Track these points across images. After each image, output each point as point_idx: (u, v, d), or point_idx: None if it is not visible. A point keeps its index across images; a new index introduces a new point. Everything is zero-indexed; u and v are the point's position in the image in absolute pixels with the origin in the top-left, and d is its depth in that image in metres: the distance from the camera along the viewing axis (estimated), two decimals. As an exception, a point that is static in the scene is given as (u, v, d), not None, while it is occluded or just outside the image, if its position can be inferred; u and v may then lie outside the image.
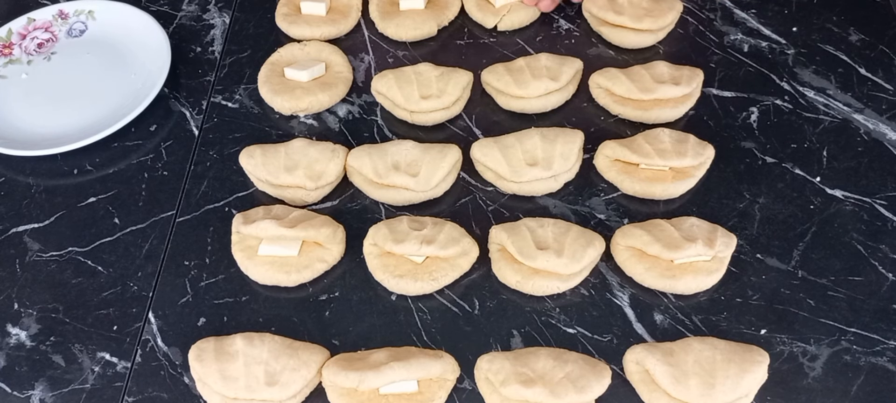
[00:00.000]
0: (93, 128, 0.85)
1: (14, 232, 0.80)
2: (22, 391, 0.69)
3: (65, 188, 0.83)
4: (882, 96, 0.87)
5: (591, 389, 0.64)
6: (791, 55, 0.91)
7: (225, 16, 0.99)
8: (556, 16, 0.96)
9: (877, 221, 0.77)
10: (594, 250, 0.72)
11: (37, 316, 0.73)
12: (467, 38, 0.95)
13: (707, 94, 0.88)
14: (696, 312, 0.72)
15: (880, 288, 0.73)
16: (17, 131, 0.87)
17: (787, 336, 0.70)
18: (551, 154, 0.78)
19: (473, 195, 0.81)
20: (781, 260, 0.75)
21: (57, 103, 0.90)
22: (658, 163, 0.78)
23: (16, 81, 0.93)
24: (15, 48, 0.95)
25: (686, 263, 0.72)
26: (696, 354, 0.66)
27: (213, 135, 0.87)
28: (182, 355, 0.70)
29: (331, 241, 0.75)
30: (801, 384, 0.67)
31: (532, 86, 0.84)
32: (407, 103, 0.84)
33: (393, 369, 0.64)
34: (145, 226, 0.79)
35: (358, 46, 0.95)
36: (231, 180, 0.83)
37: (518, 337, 0.71)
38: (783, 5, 0.97)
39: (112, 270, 0.76)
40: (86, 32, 0.97)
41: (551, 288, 0.72)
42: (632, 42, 0.92)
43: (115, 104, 0.89)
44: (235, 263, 0.75)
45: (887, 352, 0.69)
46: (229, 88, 0.91)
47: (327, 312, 0.73)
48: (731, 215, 0.78)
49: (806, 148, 0.83)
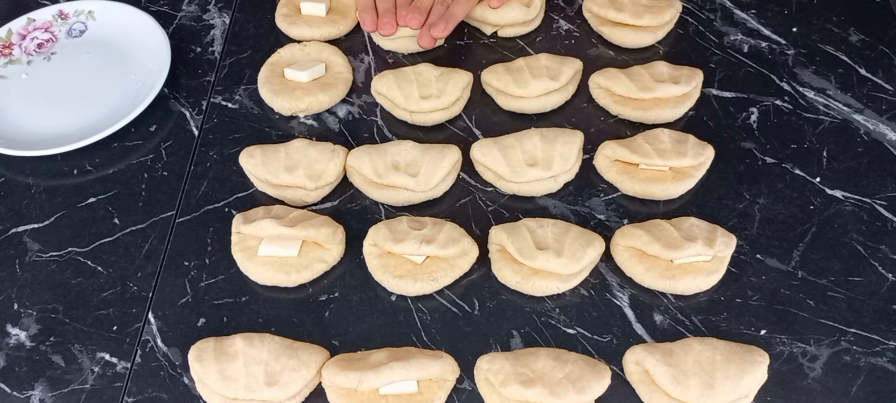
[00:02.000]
0: (93, 129, 0.85)
1: (14, 232, 0.80)
2: (22, 391, 0.69)
3: (65, 188, 0.83)
4: (882, 96, 0.87)
5: (591, 389, 0.64)
6: (791, 55, 0.91)
7: (225, 16, 0.99)
8: (555, 16, 0.96)
9: (877, 222, 0.77)
10: (594, 250, 0.72)
11: (37, 316, 0.73)
12: (467, 38, 0.95)
13: (707, 95, 0.88)
14: (696, 312, 0.72)
15: (880, 289, 0.73)
16: (17, 131, 0.87)
17: (787, 336, 0.70)
18: (551, 154, 0.78)
19: (473, 195, 0.81)
20: (781, 260, 0.75)
21: (57, 103, 0.90)
22: (658, 163, 0.78)
23: (16, 81, 0.93)
24: (15, 48, 0.95)
25: (686, 263, 0.72)
26: (696, 354, 0.66)
27: (213, 136, 0.87)
28: (182, 355, 0.70)
29: (331, 241, 0.75)
30: (801, 384, 0.67)
31: (532, 86, 0.84)
32: (407, 103, 0.84)
33: (393, 369, 0.64)
34: (145, 227, 0.79)
35: (358, 47, 0.95)
36: (231, 180, 0.83)
37: (518, 338, 0.71)
38: (783, 5, 0.97)
39: (112, 270, 0.76)
40: (86, 33, 0.97)
41: (551, 288, 0.72)
42: (632, 41, 0.92)
43: (115, 104, 0.89)
44: (235, 264, 0.75)
45: (887, 353, 0.69)
46: (229, 89, 0.91)
47: (327, 312, 0.73)
48: (731, 215, 0.78)
49: (806, 148, 0.83)
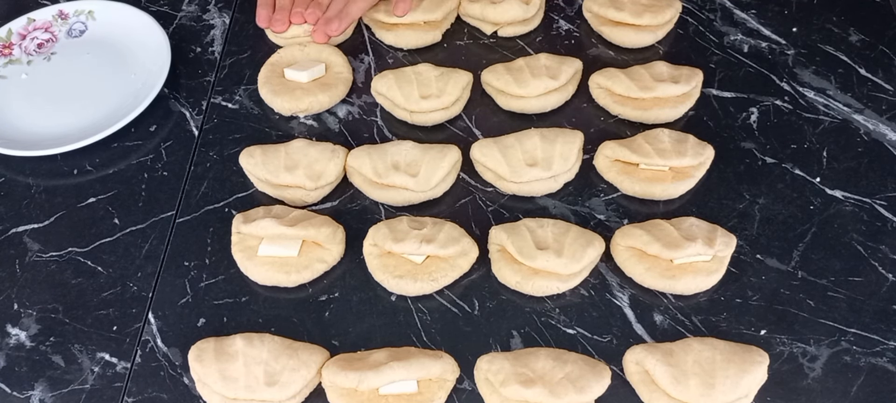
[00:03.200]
0: (93, 128, 0.85)
1: (14, 232, 0.80)
2: (22, 391, 0.69)
3: (65, 188, 0.83)
4: (882, 96, 0.87)
5: (591, 389, 0.64)
6: (791, 55, 0.91)
7: (225, 16, 0.99)
8: (556, 16, 0.96)
9: (877, 222, 0.77)
10: (594, 250, 0.72)
11: (36, 316, 0.73)
12: (467, 38, 0.95)
13: (707, 95, 0.88)
14: (696, 313, 0.72)
15: (880, 289, 0.73)
16: (17, 131, 0.87)
17: (787, 336, 0.70)
18: (551, 154, 0.78)
19: (473, 195, 0.81)
20: (781, 260, 0.75)
21: (57, 103, 0.90)
22: (658, 162, 0.78)
23: (16, 81, 0.93)
24: (15, 48, 0.95)
25: (686, 263, 0.72)
26: (696, 354, 0.66)
27: (213, 136, 0.87)
28: (182, 355, 0.70)
29: (330, 241, 0.75)
30: (801, 384, 0.67)
31: (532, 85, 0.84)
32: (407, 103, 0.84)
33: (392, 369, 0.64)
34: (145, 227, 0.79)
35: (358, 47, 0.95)
36: (231, 181, 0.83)
37: (518, 338, 0.71)
38: (783, 6, 0.97)
39: (112, 270, 0.76)
40: (86, 33, 0.97)
41: (551, 288, 0.72)
42: (632, 41, 0.92)
43: (116, 104, 0.89)
44: (235, 264, 0.75)
45: (887, 353, 0.69)
46: (229, 89, 0.91)
47: (327, 313, 0.73)
48: (731, 216, 0.78)
49: (806, 148, 0.83)
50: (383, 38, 0.94)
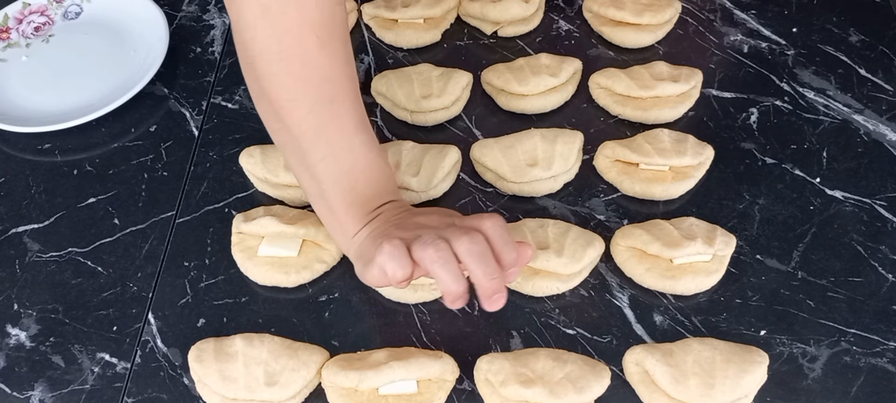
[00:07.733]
0: (97, 106, 0.87)
1: (14, 232, 0.80)
2: (21, 391, 0.69)
3: (65, 188, 0.83)
4: (882, 97, 0.87)
5: (591, 389, 0.64)
6: (791, 56, 0.91)
7: (225, 16, 0.99)
8: (556, 16, 0.96)
9: (877, 222, 0.77)
10: (594, 250, 0.72)
11: (36, 316, 0.73)
12: (467, 38, 0.95)
13: (707, 95, 0.88)
14: (696, 313, 0.72)
15: (880, 289, 0.73)
16: (22, 111, 0.89)
17: (787, 337, 0.70)
18: (551, 154, 0.78)
19: (473, 196, 0.81)
20: (781, 260, 0.75)
21: (59, 83, 0.93)
22: (658, 161, 0.78)
23: (16, 64, 0.95)
24: (12, 32, 0.97)
25: (686, 264, 0.72)
26: (696, 355, 0.66)
27: (213, 136, 0.87)
28: (182, 356, 0.70)
29: (330, 241, 0.75)
30: (801, 385, 0.67)
31: (532, 83, 0.84)
32: (407, 102, 0.84)
33: (392, 369, 0.64)
34: (145, 227, 0.79)
35: (358, 47, 0.95)
36: (231, 181, 0.83)
37: (517, 338, 0.71)
38: (783, 6, 0.97)
39: (112, 271, 0.76)
40: (81, 14, 0.99)
41: (551, 288, 0.72)
42: (632, 41, 0.92)
43: (118, 82, 0.91)
44: (235, 264, 0.75)
45: (887, 353, 0.69)
46: (229, 89, 0.91)
47: (327, 313, 0.73)
48: (731, 216, 0.78)
49: (806, 148, 0.83)
50: (383, 37, 0.94)
